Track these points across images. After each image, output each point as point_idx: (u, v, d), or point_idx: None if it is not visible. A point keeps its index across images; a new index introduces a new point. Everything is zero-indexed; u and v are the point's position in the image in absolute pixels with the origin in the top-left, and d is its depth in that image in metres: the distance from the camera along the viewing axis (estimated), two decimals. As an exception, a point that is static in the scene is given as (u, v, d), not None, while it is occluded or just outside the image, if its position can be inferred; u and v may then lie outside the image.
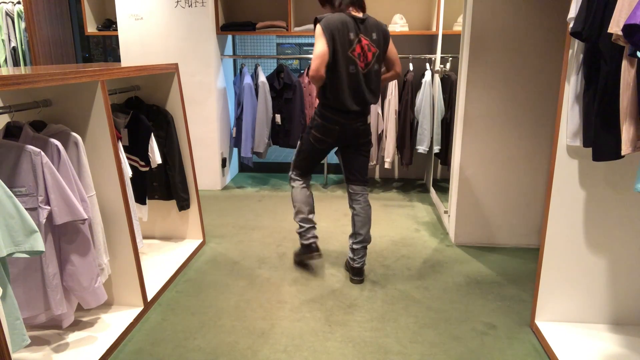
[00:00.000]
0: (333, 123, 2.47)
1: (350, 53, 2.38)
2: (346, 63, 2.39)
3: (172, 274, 2.71)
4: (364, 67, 2.42)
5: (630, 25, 1.34)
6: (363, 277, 2.67)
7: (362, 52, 2.41)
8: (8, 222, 1.52)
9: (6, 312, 1.51)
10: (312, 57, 2.34)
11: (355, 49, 2.39)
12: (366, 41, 2.41)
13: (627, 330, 2.14)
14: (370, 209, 2.63)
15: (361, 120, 2.52)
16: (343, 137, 2.53)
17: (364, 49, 2.41)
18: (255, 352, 2.05)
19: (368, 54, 2.42)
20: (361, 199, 2.60)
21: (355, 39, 2.39)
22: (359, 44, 2.39)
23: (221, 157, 4.56)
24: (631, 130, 1.50)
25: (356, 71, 2.41)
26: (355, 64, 2.40)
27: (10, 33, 4.63)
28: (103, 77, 2.10)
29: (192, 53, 4.27)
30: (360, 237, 2.60)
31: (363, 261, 2.64)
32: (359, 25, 2.41)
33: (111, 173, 2.17)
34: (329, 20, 2.36)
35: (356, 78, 2.42)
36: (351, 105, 2.44)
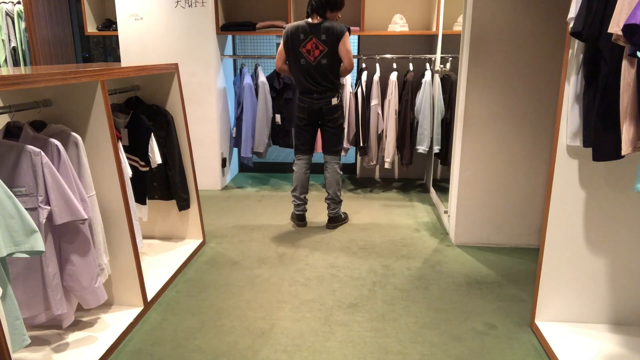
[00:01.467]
0: (302, 102, 3.35)
1: (300, 49, 3.24)
2: (297, 57, 3.27)
3: (172, 274, 2.71)
4: (313, 60, 3.24)
5: (630, 25, 1.34)
6: (335, 224, 3.55)
7: (311, 48, 3.23)
8: (8, 222, 1.52)
9: (6, 312, 1.51)
10: None
11: (305, 46, 3.23)
12: (315, 40, 3.21)
13: (627, 330, 2.14)
14: (337, 175, 3.45)
15: (323, 101, 3.30)
16: (312, 114, 3.34)
17: (312, 47, 3.23)
18: (255, 352, 2.05)
19: (316, 51, 3.23)
20: (329, 167, 3.46)
21: (306, 39, 3.22)
22: (309, 42, 3.22)
23: (221, 157, 4.56)
24: (631, 130, 1.50)
25: (306, 62, 3.26)
26: (305, 57, 3.25)
27: (10, 33, 4.63)
28: (103, 77, 2.10)
29: (192, 53, 4.27)
30: (328, 195, 3.49)
31: (334, 212, 3.50)
32: (311, 29, 3.21)
33: (111, 173, 2.18)
34: (288, 27, 3.27)
35: (307, 67, 3.26)
36: (308, 87, 3.30)
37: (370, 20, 4.51)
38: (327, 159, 3.48)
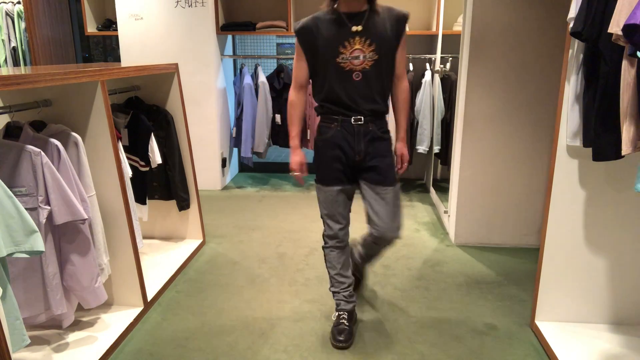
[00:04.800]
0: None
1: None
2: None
3: (172, 274, 2.71)
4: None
5: (630, 25, 1.34)
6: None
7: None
8: (8, 222, 1.52)
9: (6, 312, 1.51)
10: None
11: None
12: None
13: (627, 330, 2.14)
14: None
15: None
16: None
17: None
18: (255, 352, 2.05)
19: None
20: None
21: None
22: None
23: (221, 157, 4.56)
24: (631, 130, 1.50)
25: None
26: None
27: (10, 33, 4.63)
28: (103, 77, 2.10)
29: (192, 53, 4.27)
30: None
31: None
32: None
33: (111, 173, 2.17)
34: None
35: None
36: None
37: (370, 20, 4.50)
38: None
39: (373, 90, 1.95)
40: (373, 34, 1.90)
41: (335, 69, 1.94)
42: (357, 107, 1.96)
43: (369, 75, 1.93)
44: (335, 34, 1.92)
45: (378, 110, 1.99)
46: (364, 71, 1.92)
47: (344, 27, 1.91)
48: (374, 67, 1.92)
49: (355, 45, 1.91)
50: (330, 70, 1.95)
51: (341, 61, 1.92)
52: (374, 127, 1.99)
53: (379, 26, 1.91)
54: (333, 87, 1.97)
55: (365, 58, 1.91)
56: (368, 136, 1.99)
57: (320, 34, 1.94)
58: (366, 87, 1.94)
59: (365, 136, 1.98)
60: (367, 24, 1.90)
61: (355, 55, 1.91)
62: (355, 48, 1.91)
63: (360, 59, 1.91)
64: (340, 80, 1.95)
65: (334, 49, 1.92)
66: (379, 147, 2.01)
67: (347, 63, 1.92)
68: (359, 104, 1.96)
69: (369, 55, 1.91)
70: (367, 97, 1.95)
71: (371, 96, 1.96)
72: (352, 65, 1.92)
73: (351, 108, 1.97)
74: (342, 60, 1.92)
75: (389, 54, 1.95)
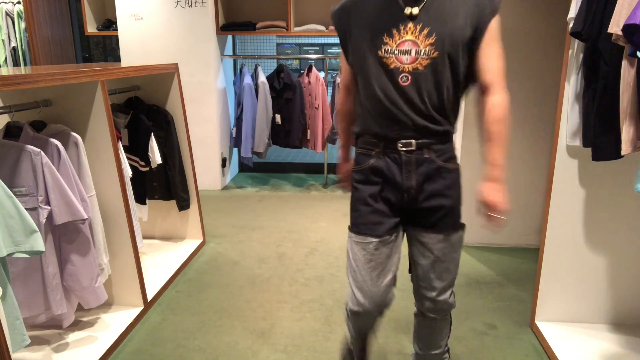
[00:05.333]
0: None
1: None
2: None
3: (172, 274, 2.71)
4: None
5: (630, 25, 1.35)
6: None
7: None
8: (8, 222, 1.52)
9: (6, 312, 1.51)
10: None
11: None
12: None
13: (627, 330, 2.14)
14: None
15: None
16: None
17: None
18: (255, 352, 2.05)
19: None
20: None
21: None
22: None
23: (221, 157, 4.56)
24: (631, 130, 1.50)
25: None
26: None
27: (10, 33, 4.63)
28: (103, 77, 2.10)
29: (192, 53, 4.27)
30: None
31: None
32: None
33: (111, 173, 2.17)
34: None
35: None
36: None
37: (370, 20, 4.50)
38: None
39: (427, 102, 1.37)
40: (434, 21, 1.33)
41: (375, 67, 1.38)
42: (404, 124, 1.38)
43: (422, 79, 1.35)
44: (379, 16, 1.38)
45: (436, 131, 1.40)
46: (415, 73, 1.34)
47: (394, 7, 1.36)
48: (431, 69, 1.34)
49: (406, 34, 1.34)
50: (368, 67, 1.40)
51: (384, 55, 1.36)
52: (432, 154, 1.41)
53: (446, 11, 1.34)
54: (371, 92, 1.40)
55: (419, 54, 1.33)
56: (422, 167, 1.42)
57: (359, 17, 1.41)
58: (417, 96, 1.36)
59: (419, 167, 1.42)
60: (428, 5, 1.34)
61: (404, 48, 1.34)
62: (406, 39, 1.34)
63: (411, 55, 1.34)
64: (381, 84, 1.38)
65: (375, 37, 1.36)
66: (440, 183, 1.45)
67: (391, 59, 1.36)
68: (407, 119, 1.38)
69: (425, 51, 1.33)
70: (419, 110, 1.37)
71: (425, 110, 1.37)
72: (399, 62, 1.35)
73: (396, 126, 1.39)
74: (385, 54, 1.36)
75: (456, 52, 1.34)
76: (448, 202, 1.50)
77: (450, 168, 1.48)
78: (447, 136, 1.45)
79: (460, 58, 1.37)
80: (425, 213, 1.49)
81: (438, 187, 1.46)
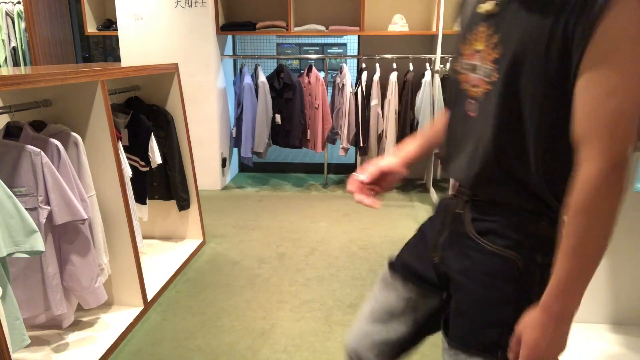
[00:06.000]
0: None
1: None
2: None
3: (172, 274, 2.71)
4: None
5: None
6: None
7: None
8: (8, 222, 1.52)
9: (6, 312, 1.51)
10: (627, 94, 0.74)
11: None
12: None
13: (627, 330, 2.14)
14: None
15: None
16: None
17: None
18: (255, 352, 2.05)
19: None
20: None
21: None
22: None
23: (221, 157, 4.56)
24: (631, 130, 1.49)
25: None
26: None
27: (10, 33, 4.63)
28: (103, 77, 2.10)
29: (192, 53, 4.27)
30: None
31: None
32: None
33: (111, 173, 2.17)
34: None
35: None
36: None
37: (370, 20, 4.51)
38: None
39: (498, 144, 0.86)
40: (506, 27, 0.83)
41: (452, 84, 0.98)
42: (461, 170, 0.95)
43: (488, 112, 0.87)
44: (466, 13, 0.96)
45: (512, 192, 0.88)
46: (480, 102, 0.89)
47: (475, 2, 0.92)
48: (493, 102, 0.85)
49: (476, 41, 0.89)
50: (449, 78, 1.02)
51: (458, 68, 0.95)
52: (468, 213, 0.93)
53: (522, 14, 0.81)
54: (448, 117, 1.02)
55: (483, 74, 0.87)
56: (453, 226, 0.98)
57: (467, 4, 0.97)
58: (485, 131, 0.87)
59: (448, 223, 1.00)
60: (507, 4, 0.84)
61: (470, 62, 0.91)
62: (476, 49, 0.89)
63: (477, 73, 0.89)
64: (452, 105, 1.00)
65: (458, 38, 0.97)
66: (461, 260, 0.93)
67: (462, 75, 0.94)
68: (463, 165, 0.94)
69: (486, 71, 0.86)
70: (490, 152, 0.87)
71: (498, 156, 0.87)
72: (467, 81, 0.92)
73: (449, 163, 1.00)
74: (459, 65, 0.95)
75: (530, 79, 0.80)
76: (464, 295, 0.93)
77: (488, 249, 0.88)
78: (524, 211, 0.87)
79: (540, 90, 0.80)
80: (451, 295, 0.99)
81: (459, 264, 0.94)
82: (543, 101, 0.80)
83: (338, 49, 8.60)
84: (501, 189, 0.89)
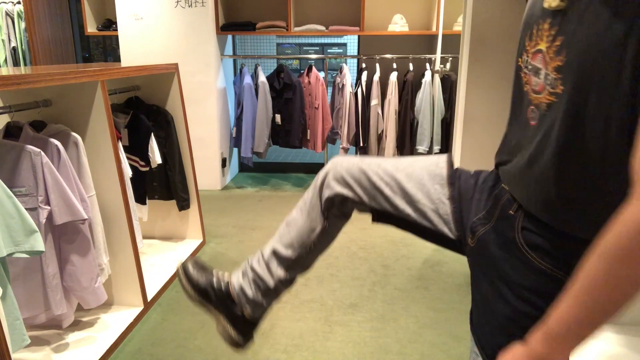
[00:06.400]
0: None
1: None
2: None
3: (172, 274, 2.71)
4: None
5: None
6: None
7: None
8: (8, 222, 1.52)
9: (6, 312, 1.51)
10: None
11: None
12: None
13: (627, 330, 2.14)
14: None
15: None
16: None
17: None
18: (255, 352, 2.05)
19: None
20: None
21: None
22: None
23: (221, 157, 4.56)
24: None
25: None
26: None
27: (10, 33, 4.63)
28: (103, 77, 2.10)
29: (192, 53, 4.27)
30: None
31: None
32: None
33: (111, 173, 2.17)
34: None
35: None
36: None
37: (370, 20, 4.51)
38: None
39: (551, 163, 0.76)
40: (572, 29, 0.70)
41: (516, 79, 0.87)
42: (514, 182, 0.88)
43: (549, 123, 0.76)
44: (532, 6, 0.82)
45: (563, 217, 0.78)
46: (541, 109, 0.77)
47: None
48: (554, 114, 0.74)
49: (540, 40, 0.77)
50: (513, 77, 0.89)
51: (522, 65, 0.83)
52: (521, 219, 0.84)
53: (589, 15, 0.67)
54: (509, 119, 0.96)
55: (546, 82, 0.75)
56: (500, 223, 0.89)
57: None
58: (544, 148, 0.77)
59: (495, 217, 0.91)
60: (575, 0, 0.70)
61: (534, 63, 0.79)
62: (539, 48, 0.77)
63: (540, 78, 0.77)
64: (513, 110, 0.92)
65: (522, 33, 0.84)
66: (510, 264, 0.85)
67: (525, 75, 0.82)
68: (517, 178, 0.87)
69: (549, 79, 0.75)
70: (548, 174, 0.77)
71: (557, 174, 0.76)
72: (529, 83, 0.81)
73: (503, 168, 0.98)
74: (524, 64, 0.83)
75: (600, 98, 0.68)
76: (496, 300, 0.87)
77: (535, 264, 0.81)
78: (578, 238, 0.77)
79: (605, 115, 0.68)
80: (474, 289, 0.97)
81: (498, 267, 0.87)
82: (613, 124, 0.67)
83: (338, 49, 8.61)
84: (558, 216, 0.78)
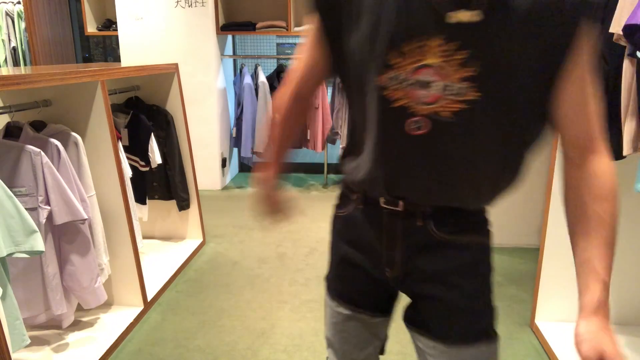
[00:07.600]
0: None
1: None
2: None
3: (172, 274, 2.71)
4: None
5: (631, 25, 1.34)
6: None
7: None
8: (8, 222, 1.52)
9: (6, 312, 1.51)
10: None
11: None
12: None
13: (627, 330, 2.14)
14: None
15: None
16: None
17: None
18: (255, 352, 2.05)
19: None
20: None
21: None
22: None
23: (221, 157, 4.56)
24: (632, 131, 1.50)
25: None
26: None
27: (10, 33, 4.63)
28: (103, 77, 2.10)
29: (192, 53, 4.27)
30: None
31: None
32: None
33: (111, 173, 2.17)
34: None
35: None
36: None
37: (370, 20, 4.50)
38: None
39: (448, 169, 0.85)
40: (485, 41, 0.75)
41: (375, 100, 0.83)
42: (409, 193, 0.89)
43: (446, 131, 0.81)
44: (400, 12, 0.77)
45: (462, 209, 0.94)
46: (437, 121, 0.80)
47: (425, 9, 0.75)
48: (466, 119, 0.79)
49: (423, 55, 0.77)
50: (365, 98, 0.85)
51: (387, 84, 0.80)
52: (432, 225, 0.91)
53: (507, 26, 0.74)
54: (364, 135, 0.89)
55: (447, 90, 0.77)
56: (413, 238, 0.92)
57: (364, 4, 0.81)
58: (440, 158, 0.84)
59: (407, 237, 0.92)
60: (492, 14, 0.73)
61: (422, 78, 0.78)
62: (424, 63, 0.77)
63: (432, 89, 0.78)
64: (381, 129, 0.85)
65: (381, 52, 0.79)
66: (441, 262, 0.93)
67: (397, 92, 0.80)
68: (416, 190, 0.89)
69: (457, 90, 0.77)
70: (446, 180, 0.87)
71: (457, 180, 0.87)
72: (411, 99, 0.79)
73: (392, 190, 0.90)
74: (391, 82, 0.80)
75: (516, 93, 0.79)
76: (454, 294, 0.93)
77: (464, 243, 0.94)
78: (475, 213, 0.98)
79: (523, 102, 0.80)
80: (417, 303, 1.00)
81: (438, 267, 0.93)
82: (525, 109, 0.84)
83: (338, 49, 8.58)
84: (464, 208, 0.95)
